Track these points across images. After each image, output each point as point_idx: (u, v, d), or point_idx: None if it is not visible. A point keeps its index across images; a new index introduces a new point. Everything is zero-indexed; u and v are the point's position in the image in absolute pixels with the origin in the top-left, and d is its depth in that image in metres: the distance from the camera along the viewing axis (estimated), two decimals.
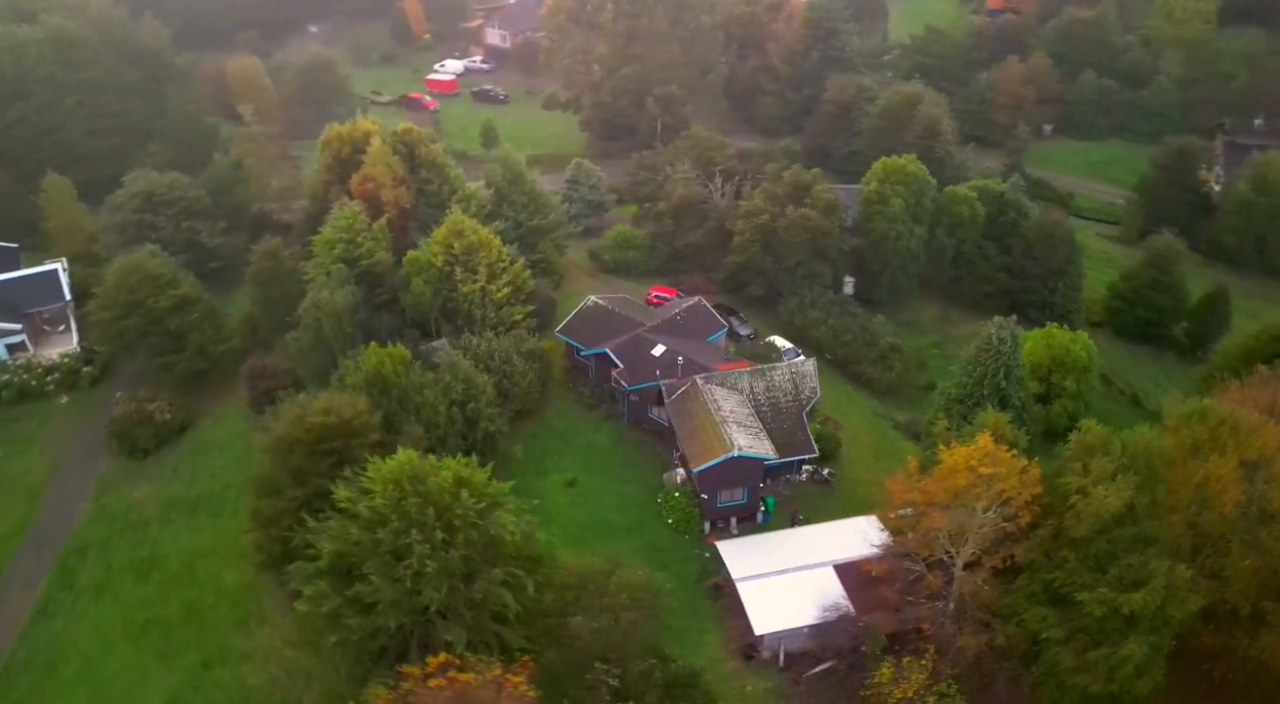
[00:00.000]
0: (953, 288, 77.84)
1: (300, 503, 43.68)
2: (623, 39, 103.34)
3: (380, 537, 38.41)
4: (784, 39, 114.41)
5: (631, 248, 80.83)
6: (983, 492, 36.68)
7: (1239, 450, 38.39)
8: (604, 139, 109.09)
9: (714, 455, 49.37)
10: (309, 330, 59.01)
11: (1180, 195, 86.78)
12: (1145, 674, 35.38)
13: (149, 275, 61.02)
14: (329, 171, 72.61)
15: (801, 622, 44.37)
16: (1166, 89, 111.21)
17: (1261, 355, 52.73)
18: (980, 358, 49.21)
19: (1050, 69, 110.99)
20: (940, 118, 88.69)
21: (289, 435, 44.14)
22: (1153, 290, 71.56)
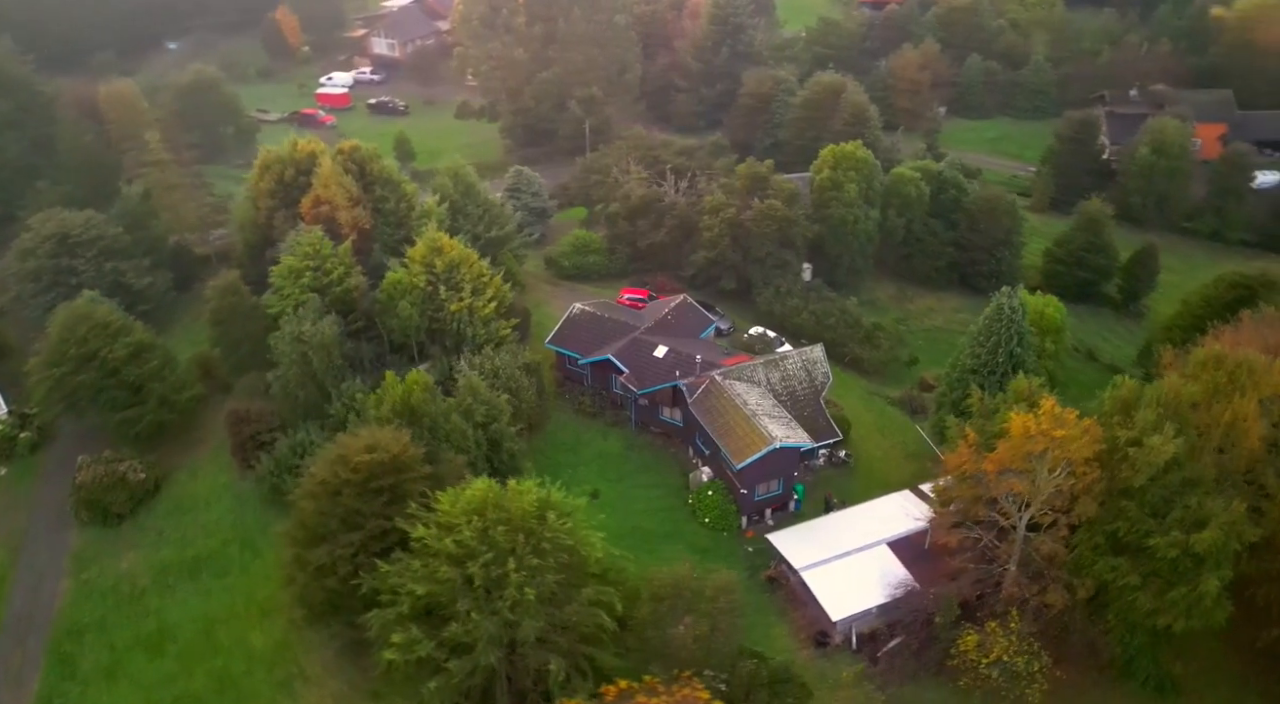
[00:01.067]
0: (904, 266, 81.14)
1: (357, 548, 40.78)
2: (539, 43, 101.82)
3: (472, 570, 36.43)
4: (692, 36, 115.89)
5: (590, 252, 79.88)
6: (1054, 452, 38.54)
7: (1256, 390, 42.06)
8: (525, 145, 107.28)
9: (755, 449, 49.55)
10: (294, 366, 55.11)
11: (1083, 163, 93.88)
12: (1218, 606, 38.27)
13: (98, 324, 55.23)
14: (272, 197, 67.95)
15: (871, 602, 45.25)
16: (1042, 68, 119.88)
17: (1222, 302, 57.90)
18: (993, 327, 51.54)
19: (940, 54, 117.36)
20: (867, 105, 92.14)
21: (333, 478, 41.04)
22: (1087, 252, 77.16)
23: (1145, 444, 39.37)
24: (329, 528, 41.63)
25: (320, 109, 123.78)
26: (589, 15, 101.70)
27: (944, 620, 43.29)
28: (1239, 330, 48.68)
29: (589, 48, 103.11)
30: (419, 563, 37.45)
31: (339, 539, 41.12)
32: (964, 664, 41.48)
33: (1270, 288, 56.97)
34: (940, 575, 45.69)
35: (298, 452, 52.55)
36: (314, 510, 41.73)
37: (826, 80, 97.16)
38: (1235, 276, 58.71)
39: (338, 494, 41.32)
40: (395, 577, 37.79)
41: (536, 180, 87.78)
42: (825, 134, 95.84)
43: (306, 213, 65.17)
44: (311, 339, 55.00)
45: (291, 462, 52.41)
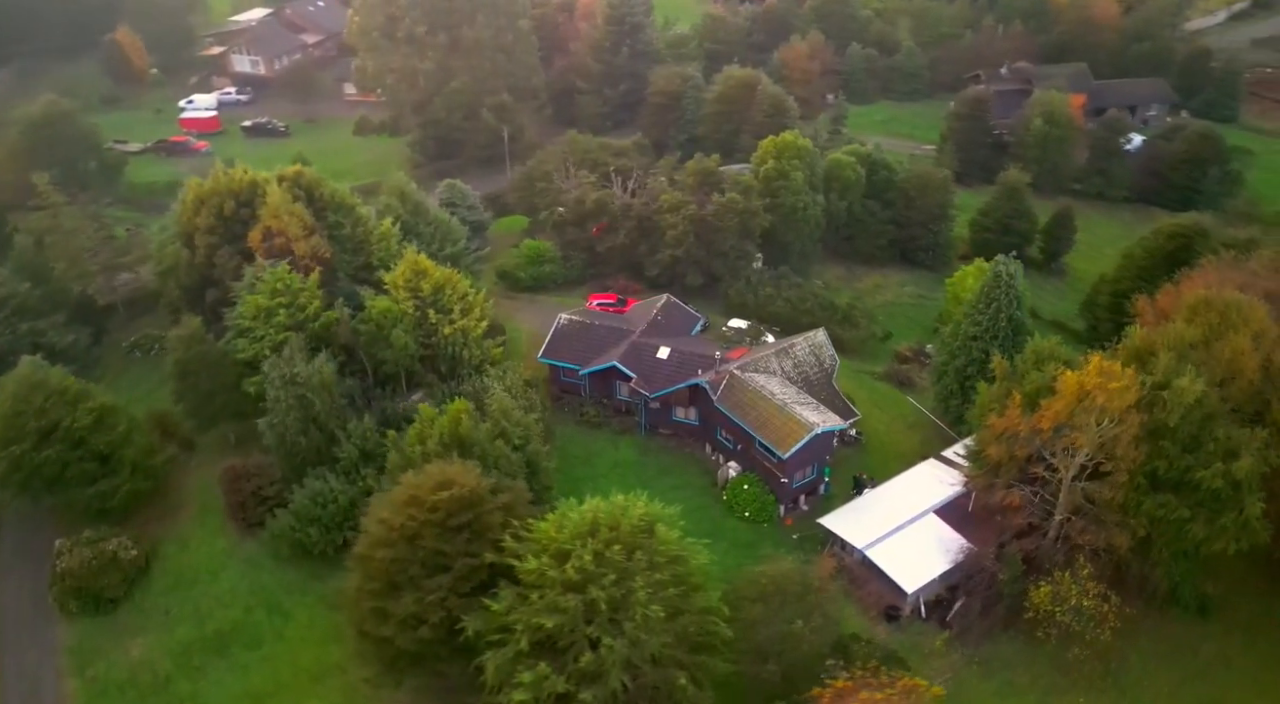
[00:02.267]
0: (847, 247, 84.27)
1: (447, 591, 38.24)
2: (444, 52, 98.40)
3: (595, 594, 35.01)
4: (588, 38, 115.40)
5: (545, 261, 78.24)
6: (1107, 404, 41.35)
7: (1247, 327, 46.73)
8: (436, 158, 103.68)
9: (797, 438, 50.22)
10: (291, 411, 50.93)
11: (978, 138, 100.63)
12: (1262, 527, 42.32)
13: (55, 391, 48.88)
14: (211, 233, 62.31)
15: (937, 570, 46.95)
16: (914, 53, 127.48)
17: (1163, 252, 63.74)
18: (993, 294, 54.46)
19: (826, 44, 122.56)
20: (784, 96, 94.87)
21: (410, 521, 38.25)
22: (1011, 219, 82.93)
23: (1174, 386, 42.88)
24: (410, 575, 38.83)
25: (190, 135, 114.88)
26: (493, 21, 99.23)
27: (1009, 577, 45.52)
28: (1199, 277, 53.76)
29: (496, 54, 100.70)
30: (537, 595, 35.61)
31: (425, 585, 38.43)
32: (1039, 615, 43.78)
33: (1203, 235, 63.30)
34: (990, 535, 48.05)
35: (320, 502, 48.65)
36: (389, 559, 38.75)
37: (739, 74, 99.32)
38: (1172, 227, 64.87)
39: (416, 538, 38.57)
40: (512, 613, 35.75)
41: (470, 193, 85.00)
42: (744, 127, 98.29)
43: (258, 247, 60.28)
44: (309, 380, 51.05)
45: (314, 513, 48.49)
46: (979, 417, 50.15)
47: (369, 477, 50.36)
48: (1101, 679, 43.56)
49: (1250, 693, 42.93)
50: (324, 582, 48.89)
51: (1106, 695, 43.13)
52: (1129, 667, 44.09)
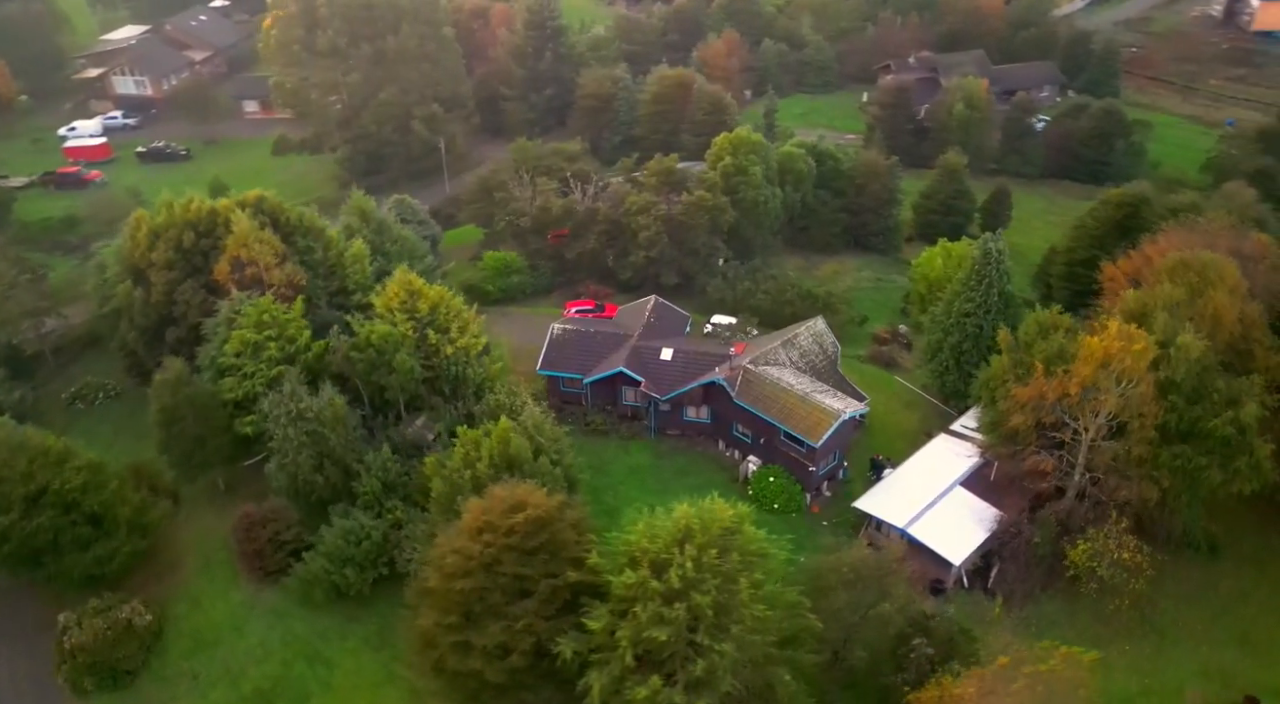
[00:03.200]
0: (802, 237, 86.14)
1: (534, 615, 36.83)
2: (369, 62, 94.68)
3: (699, 601, 34.49)
4: (509, 44, 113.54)
5: (513, 272, 76.60)
6: (1130, 365, 43.90)
7: (1223, 283, 50.61)
8: (367, 174, 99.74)
9: (826, 426, 51.02)
10: (304, 449, 48.03)
11: (903, 124, 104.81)
12: (1271, 467, 45.93)
13: (39, 451, 44.22)
14: (170, 268, 57.91)
15: (977, 540, 48.65)
16: (822, 47, 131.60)
17: (1112, 220, 68.06)
18: (984, 271, 56.76)
19: (741, 41, 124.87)
20: (723, 93, 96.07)
21: (485, 549, 36.64)
22: (952, 199, 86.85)
23: (1179, 343, 45.95)
24: (490, 603, 37.24)
25: (80, 165, 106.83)
26: (417, 30, 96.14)
27: (1044, 539, 47.69)
28: (1164, 239, 57.75)
29: (422, 64, 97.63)
30: (639, 607, 34.75)
31: (510, 612, 36.93)
32: (1079, 572, 46.05)
33: (1146, 203, 68.02)
34: (1016, 501, 50.22)
35: (352, 540, 45.95)
36: (468, 590, 37.01)
37: (673, 74, 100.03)
38: (1119, 197, 69.29)
39: (495, 565, 37.02)
40: (616, 631, 34.79)
41: (420, 207, 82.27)
42: (684, 124, 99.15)
43: (226, 279, 56.46)
44: (320, 414, 48.20)
45: (347, 552, 45.76)
46: (990, 388, 52.40)
47: (396, 509, 48.12)
48: (1140, 626, 46.22)
49: (1273, 621, 46.51)
50: (362, 623, 46.36)
51: (1148, 640, 45.77)
52: (1160, 611, 46.94)
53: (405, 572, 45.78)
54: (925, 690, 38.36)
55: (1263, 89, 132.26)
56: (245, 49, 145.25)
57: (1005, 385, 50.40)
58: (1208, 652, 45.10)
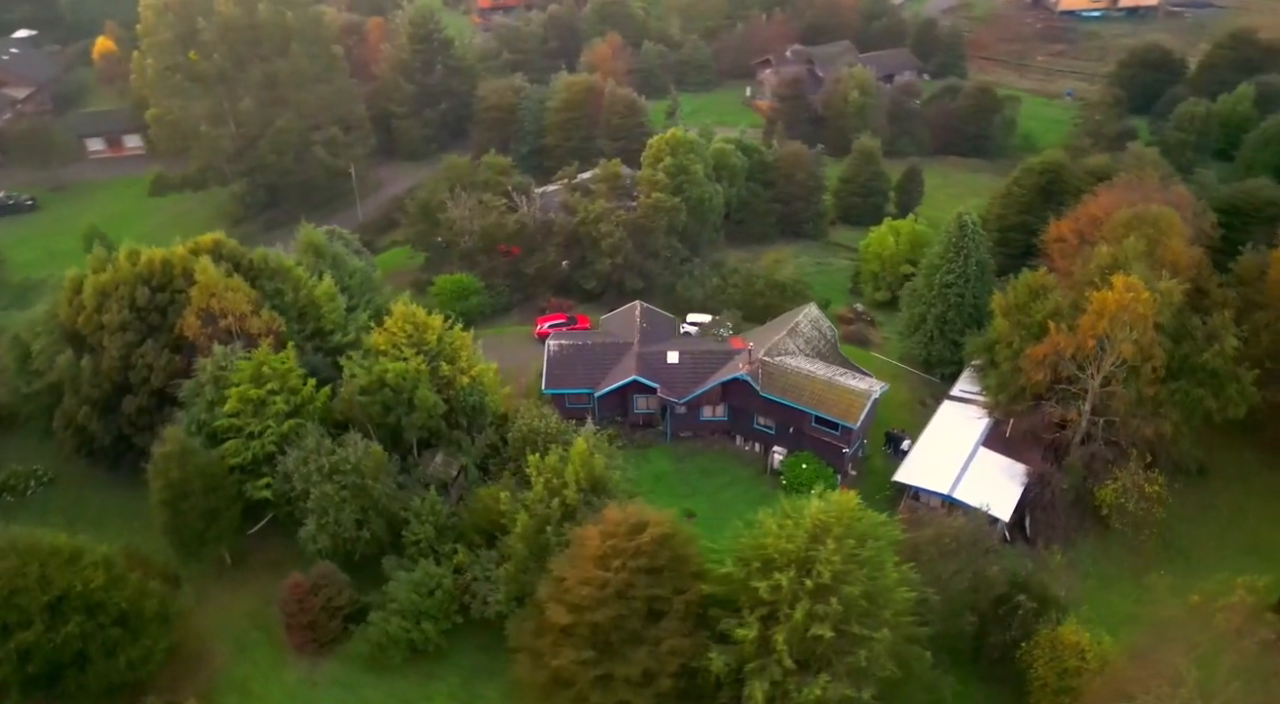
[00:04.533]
0: (739, 230, 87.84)
1: (675, 635, 35.74)
2: (260, 87, 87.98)
3: (850, 591, 34.64)
4: (394, 59, 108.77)
5: (471, 293, 73.59)
6: (1140, 314, 47.97)
7: (1174, 232, 56.24)
8: (268, 207, 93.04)
9: (859, 407, 52.50)
10: (346, 505, 44.29)
11: (801, 113, 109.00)
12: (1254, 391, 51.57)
13: (49, 552, 38.19)
14: (125, 330, 51.66)
15: (1015, 494, 51.49)
16: (698, 46, 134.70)
17: (1037, 186, 73.71)
18: (961, 243, 60.08)
19: (623, 44, 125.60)
20: (636, 96, 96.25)
21: (617, 575, 35.17)
22: (871, 181, 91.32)
23: (1163, 289, 50.67)
24: (629, 630, 35.82)
25: None
26: (307, 49, 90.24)
27: (1072, 485, 51.28)
28: (1103, 199, 63.36)
29: (317, 86, 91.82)
30: (794, 608, 34.44)
31: (649, 635, 35.66)
32: (1110, 510, 49.86)
33: (1064, 168, 74.24)
34: (1035, 453, 53.70)
35: (424, 591, 42.70)
36: (604, 621, 35.40)
37: (581, 80, 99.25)
38: (1040, 165, 75.04)
39: (627, 589, 35.63)
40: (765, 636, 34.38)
41: (352, 236, 77.56)
42: (598, 131, 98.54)
43: (196, 334, 51.12)
44: (361, 465, 44.57)
45: (422, 606, 42.48)
46: (990, 351, 55.76)
47: (458, 552, 45.25)
48: (1166, 552, 50.62)
49: (1273, 530, 52.15)
50: (443, 679, 43.31)
51: (1176, 563, 50.17)
52: (1177, 535, 51.59)
53: (484, 616, 43.25)
54: (1036, 643, 40.32)
55: (1082, 62, 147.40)
56: (71, 82, 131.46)
57: (1009, 346, 53.76)
58: (1229, 563, 49.89)
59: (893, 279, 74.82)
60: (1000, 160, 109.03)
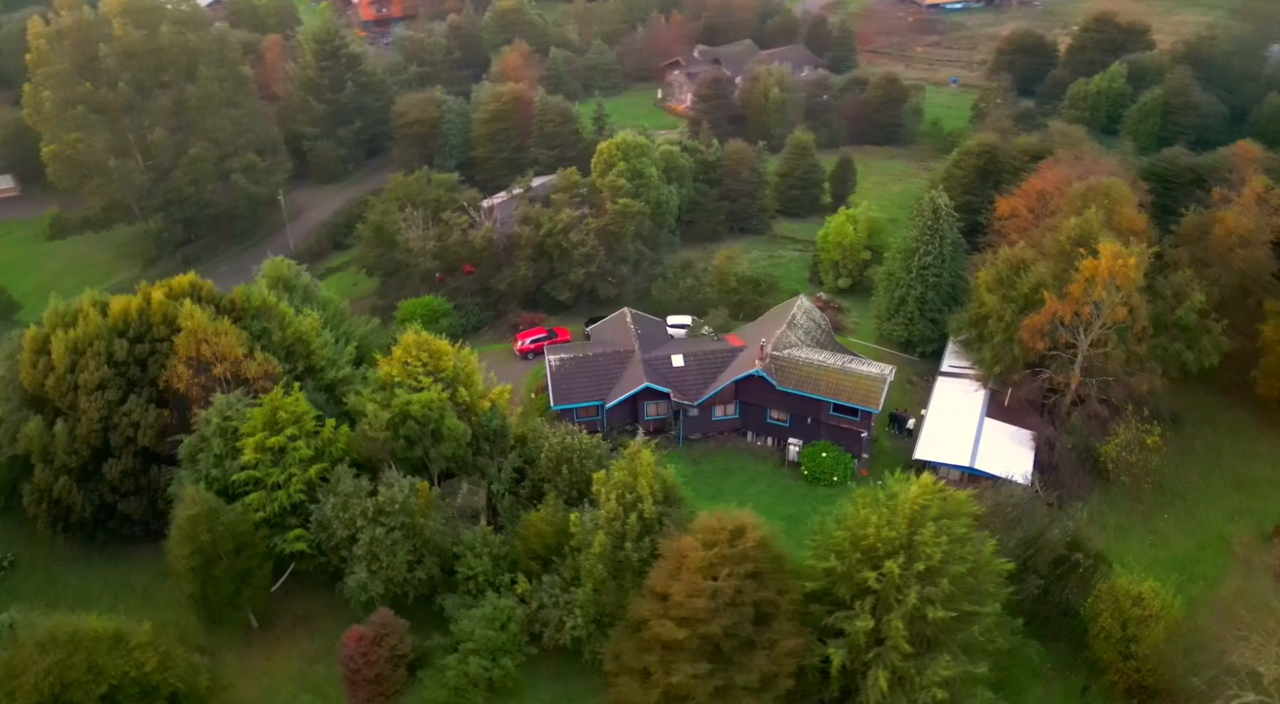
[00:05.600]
0: (690, 229, 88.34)
1: (789, 635, 35.66)
2: (170, 114, 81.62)
3: (958, 570, 35.58)
4: (300, 78, 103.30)
5: (441, 315, 70.92)
6: (1129, 277, 51.42)
7: (1126, 200, 60.65)
8: (184, 243, 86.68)
9: (879, 391, 53.89)
10: (397, 547, 41.93)
11: (722, 111, 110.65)
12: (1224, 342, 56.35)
13: (88, 641, 34.13)
14: (104, 388, 46.97)
15: (1029, 459, 54.05)
16: (603, 50, 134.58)
17: (976, 166, 77.62)
18: (935, 225, 62.58)
19: (530, 51, 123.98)
20: (568, 104, 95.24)
21: (730, 579, 34.76)
22: (807, 173, 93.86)
23: (1134, 252, 54.54)
24: (744, 637, 35.45)
25: None
26: (215, 72, 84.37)
27: (1075, 444, 54.42)
28: (1048, 174, 67.52)
29: (228, 110, 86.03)
30: (906, 595, 34.96)
31: (762, 639, 35.43)
32: (1114, 464, 53.22)
33: (997, 149, 78.41)
34: (1034, 417, 56.72)
35: (498, 625, 40.82)
36: (719, 631, 34.90)
37: (509, 89, 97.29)
38: (978, 146, 79.10)
39: (737, 596, 35.27)
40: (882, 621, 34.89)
41: (298, 266, 73.24)
42: (531, 141, 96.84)
43: (188, 385, 47.12)
44: (408, 504, 42.25)
45: (498, 641, 40.57)
46: (977, 326, 58.47)
47: (520, 582, 43.55)
48: (1164, 497, 54.49)
49: (1250, 464, 56.89)
50: None
51: (1175, 506, 54.11)
52: (1168, 480, 55.59)
53: (557, 644, 41.85)
54: (1099, 597, 42.53)
55: (956, 51, 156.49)
56: None
57: (1001, 320, 56.46)
58: (1220, 500, 54.41)
59: (853, 266, 77.18)
60: (912, 146, 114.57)
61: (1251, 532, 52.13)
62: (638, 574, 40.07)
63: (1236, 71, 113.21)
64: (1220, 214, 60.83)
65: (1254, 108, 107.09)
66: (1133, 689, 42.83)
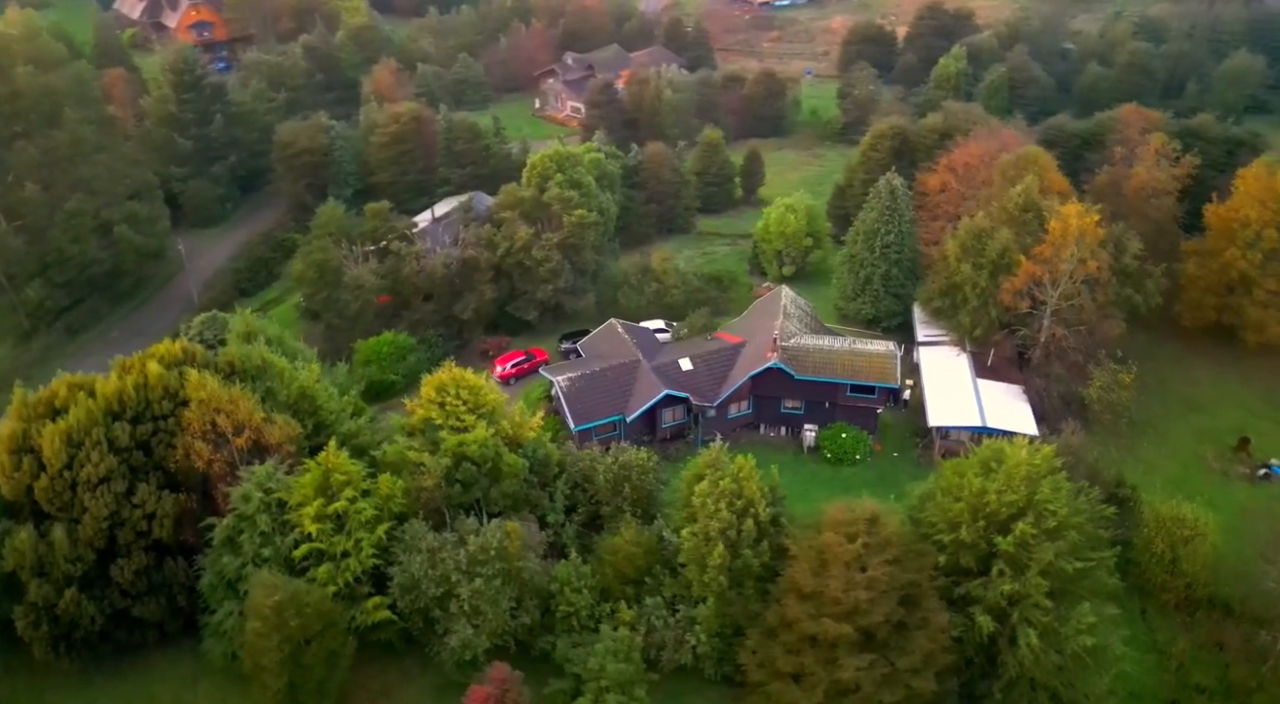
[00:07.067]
0: (622, 234, 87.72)
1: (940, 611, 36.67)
2: (36, 165, 71.61)
3: (1078, 521, 37.89)
4: (158, 113, 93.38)
5: (408, 351, 66.81)
6: (1093, 234, 56.41)
7: (1051, 168, 66.50)
8: (65, 311, 76.65)
9: (893, 366, 56.32)
10: (500, 596, 39.41)
11: (615, 117, 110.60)
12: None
13: None
14: (112, 480, 41.04)
15: (1029, 410, 57.93)
16: (469, 63, 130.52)
17: (890, 148, 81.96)
18: (894, 205, 65.77)
19: (399, 68, 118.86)
20: (474, 120, 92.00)
21: (878, 572, 35.28)
22: (721, 169, 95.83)
23: (1093, 209, 59.71)
24: (898, 621, 36.07)
25: None
26: (82, 116, 74.82)
27: (1062, 392, 59.12)
28: (970, 148, 72.77)
29: (100, 155, 76.60)
30: (1041, 553, 36.70)
31: (914, 620, 36.21)
32: (1094, 404, 58.35)
33: (907, 130, 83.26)
34: (1017, 372, 61.15)
35: (622, 655, 39.14)
36: (881, 619, 35.35)
37: (406, 110, 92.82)
38: (889, 129, 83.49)
39: (890, 580, 35.84)
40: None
41: (227, 319, 66.99)
42: (440, 161, 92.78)
43: (207, 461, 42.08)
44: (505, 548, 39.83)
45: (628, 674, 38.90)
46: (949, 295, 62.25)
47: (621, 610, 42.04)
48: (1136, 428, 60.25)
49: (1195, 389, 63.88)
50: None
51: (1148, 436, 59.91)
52: (1136, 413, 61.28)
53: (682, 663, 40.82)
54: (1145, 524, 46.55)
55: (799, 44, 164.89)
56: None
57: (976, 286, 60.36)
58: (1183, 424, 60.92)
59: (796, 254, 79.69)
60: (795, 136, 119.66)
61: (1218, 446, 58.86)
62: (758, 579, 39.78)
63: (1047, 48, 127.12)
64: (1134, 170, 67.95)
65: (1076, 78, 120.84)
66: (1180, 605, 47.42)
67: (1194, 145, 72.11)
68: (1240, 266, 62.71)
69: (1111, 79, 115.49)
